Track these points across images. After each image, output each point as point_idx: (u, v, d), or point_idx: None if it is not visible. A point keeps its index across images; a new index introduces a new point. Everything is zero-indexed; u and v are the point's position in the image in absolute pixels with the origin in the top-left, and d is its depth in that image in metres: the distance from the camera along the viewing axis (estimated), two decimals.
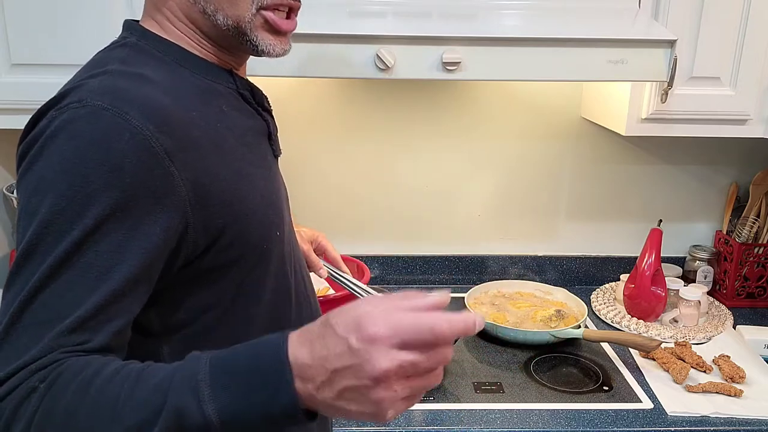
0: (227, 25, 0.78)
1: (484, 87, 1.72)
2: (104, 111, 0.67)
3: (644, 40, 1.20)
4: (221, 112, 0.79)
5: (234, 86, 0.82)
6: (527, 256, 1.84)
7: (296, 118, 1.72)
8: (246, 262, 0.78)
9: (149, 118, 0.68)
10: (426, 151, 1.77)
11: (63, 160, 0.66)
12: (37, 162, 0.67)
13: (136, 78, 0.72)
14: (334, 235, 1.78)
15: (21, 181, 0.69)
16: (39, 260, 0.64)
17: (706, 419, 1.22)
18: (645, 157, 1.79)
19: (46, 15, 1.26)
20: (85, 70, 0.76)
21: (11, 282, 0.65)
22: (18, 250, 0.66)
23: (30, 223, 0.66)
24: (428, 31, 1.20)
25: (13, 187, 1.54)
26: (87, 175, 0.65)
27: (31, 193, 0.67)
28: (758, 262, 1.71)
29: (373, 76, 1.19)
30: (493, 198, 1.81)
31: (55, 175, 0.65)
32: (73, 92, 0.69)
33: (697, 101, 1.41)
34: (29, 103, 1.30)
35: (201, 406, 0.58)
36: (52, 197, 0.65)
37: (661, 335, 1.54)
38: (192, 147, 0.71)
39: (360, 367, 0.56)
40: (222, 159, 0.75)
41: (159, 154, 0.68)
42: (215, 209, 0.73)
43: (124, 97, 0.69)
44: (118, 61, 0.75)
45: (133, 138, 0.67)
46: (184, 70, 0.78)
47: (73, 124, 0.67)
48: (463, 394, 1.31)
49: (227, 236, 0.74)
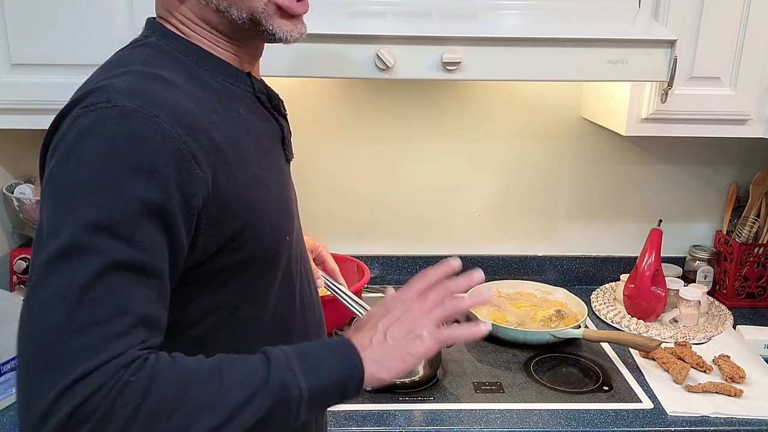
0: (242, 18, 0.79)
1: (484, 87, 1.72)
2: (135, 113, 0.67)
3: (644, 40, 1.20)
4: (239, 115, 0.80)
5: (251, 90, 0.83)
6: (527, 256, 1.84)
7: (296, 117, 1.70)
8: (255, 265, 0.79)
9: (177, 121, 0.69)
10: (426, 151, 1.77)
11: (98, 160, 0.65)
12: (69, 161, 0.67)
13: (159, 80, 0.73)
14: (334, 235, 1.78)
15: (49, 181, 0.68)
16: (84, 260, 0.63)
17: (706, 419, 1.22)
18: (645, 157, 1.79)
19: (46, 15, 1.26)
20: (106, 68, 0.76)
21: (46, 281, 0.65)
22: (50, 248, 0.65)
23: (65, 222, 0.65)
24: (428, 31, 1.20)
25: (13, 187, 1.54)
26: (124, 176, 0.65)
27: (65, 193, 0.66)
28: (758, 262, 1.71)
29: (373, 76, 1.19)
30: (493, 198, 1.81)
31: (91, 176, 0.65)
32: (99, 92, 0.69)
33: (697, 101, 1.41)
34: (29, 103, 1.31)
35: (297, 380, 0.70)
36: (90, 197, 0.65)
37: (661, 335, 1.54)
38: (213, 151, 0.72)
39: (394, 307, 0.82)
40: (239, 163, 0.76)
41: (187, 157, 0.69)
42: (230, 213, 0.74)
43: (153, 100, 0.69)
44: (140, 62, 0.75)
45: (165, 140, 0.67)
46: (203, 71, 0.79)
47: (104, 125, 0.67)
48: (463, 394, 1.31)
49: (239, 240, 0.75)
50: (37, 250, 0.66)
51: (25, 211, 1.50)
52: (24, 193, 1.53)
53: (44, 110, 1.30)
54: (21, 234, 1.60)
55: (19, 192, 1.53)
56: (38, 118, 1.32)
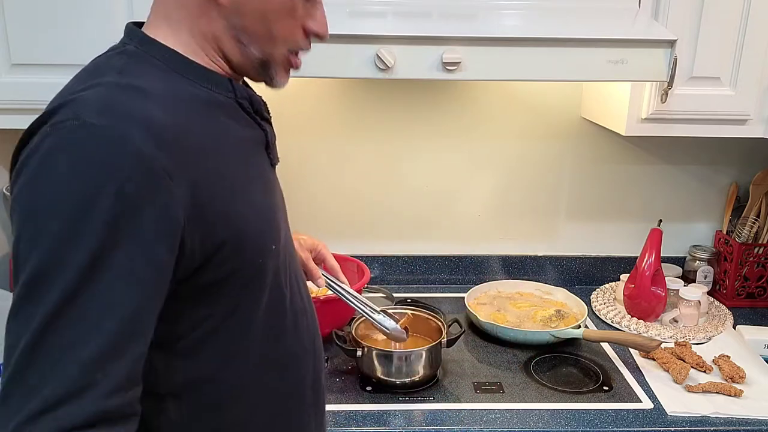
0: (255, 58, 0.79)
1: (484, 87, 1.72)
2: (103, 129, 0.64)
3: (644, 40, 1.20)
4: (220, 123, 0.78)
5: (233, 96, 0.80)
6: (527, 256, 1.84)
7: (296, 118, 1.72)
8: (241, 277, 0.77)
9: (149, 136, 0.66)
10: (426, 151, 1.77)
11: (64, 182, 0.63)
12: (34, 182, 0.64)
13: (133, 91, 0.70)
14: (333, 235, 1.78)
15: (17, 201, 0.66)
16: (49, 290, 0.62)
17: (706, 419, 1.22)
18: (645, 157, 1.79)
19: (46, 15, 1.26)
20: (79, 79, 0.74)
21: (17, 311, 0.63)
22: (20, 277, 0.63)
23: (32, 249, 0.63)
24: (428, 31, 1.20)
25: None
26: (91, 199, 0.63)
27: (30, 216, 0.64)
28: (758, 262, 1.71)
29: (373, 76, 1.19)
30: (493, 198, 1.81)
31: (56, 198, 0.63)
32: (68, 106, 0.67)
33: (697, 101, 1.41)
34: (29, 103, 1.30)
35: None
36: (55, 222, 0.63)
37: (661, 335, 1.54)
38: (191, 165, 0.70)
39: None
40: (220, 176, 0.74)
41: (159, 174, 0.66)
42: (212, 227, 0.72)
43: (123, 114, 0.66)
44: (115, 72, 0.72)
45: (135, 158, 0.64)
46: (183, 79, 0.76)
47: (71, 144, 0.64)
48: (463, 394, 1.30)
49: (222, 253, 0.73)
50: (16, 277, 0.65)
51: None
52: None
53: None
54: None
55: None
56: None
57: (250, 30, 0.77)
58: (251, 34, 0.78)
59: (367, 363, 1.31)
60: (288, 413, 0.88)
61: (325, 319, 1.41)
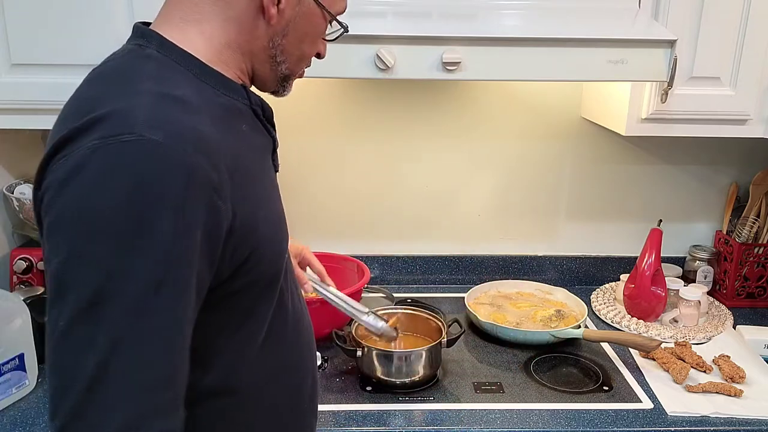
0: (282, 74, 0.83)
1: (484, 87, 1.72)
2: (160, 146, 0.63)
3: (644, 40, 1.20)
4: (242, 132, 0.77)
5: (248, 102, 0.80)
6: (527, 256, 1.84)
7: (296, 118, 1.72)
8: (257, 286, 0.77)
9: (201, 151, 0.65)
10: (426, 151, 1.77)
11: (123, 199, 0.61)
12: (88, 199, 0.61)
13: (175, 102, 0.68)
14: (333, 235, 1.78)
15: (63, 218, 0.62)
16: (112, 310, 0.60)
17: (706, 419, 1.22)
18: (645, 157, 1.79)
19: (46, 15, 1.26)
20: (111, 83, 0.70)
21: (71, 333, 0.61)
22: (68, 297, 0.61)
23: (88, 269, 0.61)
24: (428, 31, 1.20)
25: (13, 187, 1.54)
26: (152, 216, 0.61)
27: (85, 234, 0.61)
28: (758, 262, 1.71)
29: (373, 76, 1.19)
30: (493, 198, 1.81)
31: (115, 216, 0.61)
32: (116, 119, 0.64)
33: (697, 101, 1.41)
34: (29, 103, 1.31)
35: None
36: (114, 241, 0.61)
37: (661, 335, 1.54)
38: (230, 178, 0.69)
39: None
40: (247, 186, 0.73)
41: (210, 190, 0.65)
42: (243, 239, 0.71)
43: (176, 129, 0.65)
44: (151, 79, 0.70)
45: (191, 176, 0.64)
46: (205, 86, 0.75)
47: (130, 160, 0.62)
48: (463, 394, 1.30)
49: (248, 264, 0.73)
50: (59, 295, 0.62)
51: (25, 211, 1.50)
52: (24, 193, 1.53)
53: (44, 110, 1.30)
54: (21, 234, 1.60)
55: (19, 192, 1.53)
56: (38, 118, 1.32)
57: (287, 49, 0.81)
58: (287, 53, 0.81)
59: (367, 363, 1.31)
60: (290, 420, 0.88)
61: (325, 319, 1.42)
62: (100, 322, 0.60)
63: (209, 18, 0.75)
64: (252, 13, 0.76)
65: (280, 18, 0.77)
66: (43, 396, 1.28)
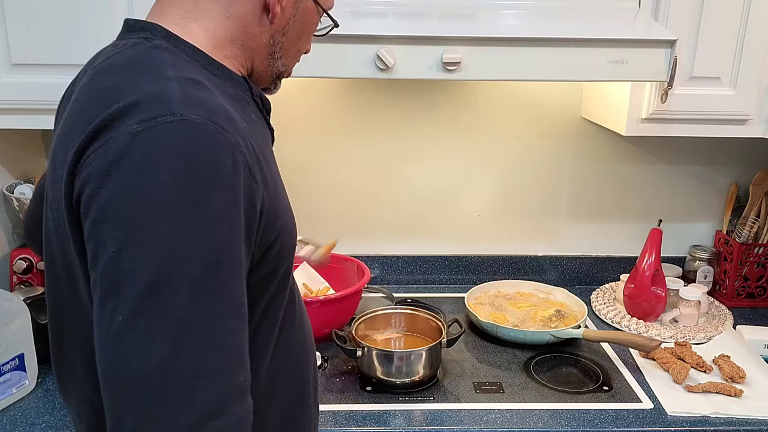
0: (277, 70, 0.83)
1: (484, 87, 1.72)
2: (204, 126, 0.62)
3: (644, 40, 1.20)
4: (253, 121, 0.77)
5: (250, 93, 0.80)
6: (527, 256, 1.84)
7: (296, 117, 1.72)
8: (277, 275, 0.76)
9: (237, 131, 0.65)
10: (426, 151, 1.77)
11: (176, 180, 0.60)
12: (140, 183, 0.60)
13: (202, 87, 0.68)
14: (333, 235, 1.77)
15: (116, 204, 0.60)
16: (177, 296, 0.59)
17: (706, 419, 1.22)
18: (645, 157, 1.79)
19: (46, 15, 1.26)
20: (132, 73, 0.68)
21: (134, 325, 0.58)
22: (125, 288, 0.59)
23: (148, 256, 0.59)
24: (428, 31, 1.20)
25: (13, 187, 1.54)
26: (207, 198, 0.60)
27: (143, 219, 0.59)
28: (758, 262, 1.71)
29: (373, 76, 1.19)
30: (493, 198, 1.81)
31: (170, 198, 0.59)
32: (153, 102, 0.63)
33: (697, 101, 1.41)
34: (29, 103, 1.31)
35: None
36: (173, 221, 0.59)
37: (661, 335, 1.54)
38: (257, 160, 0.69)
39: None
40: (267, 171, 0.72)
41: (248, 170, 0.65)
42: (268, 222, 0.70)
43: (211, 110, 0.64)
44: (171, 66, 0.69)
45: (234, 154, 0.63)
46: (212, 75, 0.74)
47: (176, 140, 0.61)
48: (463, 394, 1.30)
49: (272, 250, 0.72)
50: (114, 288, 0.59)
51: (24, 211, 1.50)
52: (24, 193, 1.53)
53: (44, 110, 1.30)
54: (21, 234, 1.60)
55: (19, 192, 1.53)
56: (38, 118, 1.32)
57: (286, 46, 0.81)
58: (285, 50, 0.82)
59: (367, 363, 1.31)
60: (296, 413, 0.88)
61: (325, 319, 1.42)
62: (165, 309, 0.58)
63: (211, 15, 0.75)
64: (256, 11, 0.76)
65: (282, 16, 0.78)
66: (43, 396, 1.28)
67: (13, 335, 1.25)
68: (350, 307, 1.49)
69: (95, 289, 0.61)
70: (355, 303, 1.49)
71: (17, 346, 1.26)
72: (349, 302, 1.47)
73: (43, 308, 1.38)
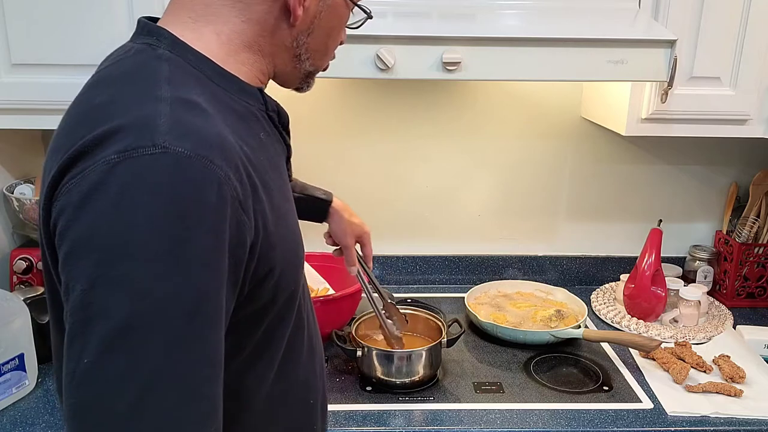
0: (306, 71, 0.80)
1: (484, 87, 1.72)
2: (189, 159, 0.58)
3: (644, 40, 1.20)
4: (260, 141, 0.72)
5: (264, 108, 0.75)
6: (527, 256, 1.84)
7: (296, 117, 1.70)
8: (275, 306, 0.72)
9: (227, 162, 0.61)
10: (426, 151, 1.77)
11: (153, 219, 0.56)
12: (115, 220, 0.56)
13: (196, 109, 0.63)
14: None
15: (90, 241, 0.57)
16: (148, 340, 0.55)
17: (706, 419, 1.22)
18: (645, 157, 1.79)
19: (46, 15, 1.26)
20: (123, 89, 0.65)
21: (99, 367, 0.55)
22: (93, 325, 0.56)
23: (120, 295, 0.55)
24: (428, 31, 1.20)
25: (13, 187, 1.54)
26: (186, 238, 0.57)
27: (115, 258, 0.56)
28: (758, 262, 1.71)
29: (373, 76, 1.19)
30: (493, 198, 1.81)
31: (146, 238, 0.56)
32: (136, 130, 0.59)
33: (697, 101, 1.41)
34: (29, 103, 1.31)
35: None
36: (148, 263, 0.56)
37: (661, 335, 1.54)
38: (252, 190, 0.64)
39: None
40: (268, 200, 0.68)
41: (237, 204, 0.61)
42: (261, 256, 0.66)
43: (201, 139, 0.60)
44: (166, 82, 0.64)
45: (220, 190, 0.59)
46: (220, 90, 0.69)
47: (156, 175, 0.57)
48: (463, 394, 1.30)
49: (267, 283, 0.68)
50: (83, 328, 0.56)
51: (25, 211, 1.50)
52: (24, 193, 1.53)
53: (44, 110, 1.30)
54: (21, 234, 1.60)
55: (19, 192, 1.53)
56: (38, 118, 1.32)
57: (312, 47, 0.77)
58: (311, 50, 0.77)
59: (367, 363, 1.31)
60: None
61: (325, 319, 1.42)
62: (134, 353, 0.55)
63: (226, 19, 0.70)
64: (275, 14, 0.71)
65: (305, 16, 0.73)
66: (43, 396, 1.28)
67: (13, 335, 1.25)
68: (350, 307, 1.49)
69: (66, 322, 0.58)
70: (355, 303, 1.49)
71: (17, 346, 1.26)
72: (349, 302, 1.47)
73: (43, 308, 1.38)
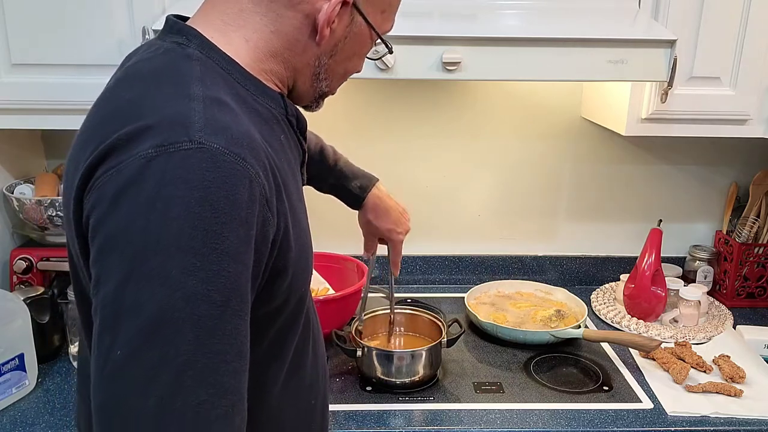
0: (321, 91, 0.80)
1: (484, 87, 1.72)
2: (223, 155, 0.59)
3: (644, 40, 1.20)
4: (280, 143, 0.73)
5: (284, 112, 0.77)
6: (527, 256, 1.84)
7: None
8: (285, 309, 0.73)
9: (257, 160, 0.62)
10: (426, 151, 1.77)
11: (189, 214, 0.57)
12: (149, 213, 0.57)
13: (226, 108, 0.64)
14: (333, 235, 1.78)
15: (121, 234, 0.58)
16: (179, 333, 0.56)
17: (706, 419, 1.22)
18: (645, 157, 1.79)
19: (46, 15, 1.26)
20: (155, 86, 0.65)
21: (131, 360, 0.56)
22: (122, 321, 0.56)
23: (149, 288, 0.56)
24: (428, 31, 1.20)
25: (13, 187, 1.54)
26: (220, 232, 0.58)
27: (145, 250, 0.56)
28: (758, 262, 1.71)
29: (373, 76, 1.19)
30: (493, 198, 1.81)
31: (182, 233, 0.56)
32: (171, 126, 0.60)
33: (697, 101, 1.41)
34: (29, 103, 1.31)
35: None
36: (183, 257, 0.56)
37: (661, 335, 1.54)
38: (276, 190, 0.66)
39: None
40: (287, 201, 0.69)
41: (264, 201, 0.62)
42: (280, 253, 0.67)
43: (233, 136, 0.61)
44: (198, 82, 0.65)
45: (251, 186, 0.60)
46: (245, 91, 0.71)
47: (192, 170, 0.58)
48: (463, 394, 1.30)
49: (281, 281, 0.69)
50: (114, 321, 0.57)
51: (25, 211, 1.50)
52: (24, 193, 1.53)
53: (44, 110, 1.30)
54: (21, 234, 1.60)
55: (19, 192, 1.53)
56: (38, 118, 1.32)
57: (332, 69, 0.78)
58: (331, 71, 0.78)
59: (367, 363, 1.31)
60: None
61: (325, 319, 1.42)
62: (166, 347, 0.56)
63: (256, 27, 0.72)
64: (304, 30, 0.73)
65: (331, 38, 0.74)
66: (43, 396, 1.28)
67: (13, 335, 1.25)
68: (350, 307, 1.49)
69: (95, 316, 0.59)
70: (355, 303, 1.49)
71: (17, 346, 1.26)
72: (349, 302, 1.47)
73: (43, 308, 1.38)
